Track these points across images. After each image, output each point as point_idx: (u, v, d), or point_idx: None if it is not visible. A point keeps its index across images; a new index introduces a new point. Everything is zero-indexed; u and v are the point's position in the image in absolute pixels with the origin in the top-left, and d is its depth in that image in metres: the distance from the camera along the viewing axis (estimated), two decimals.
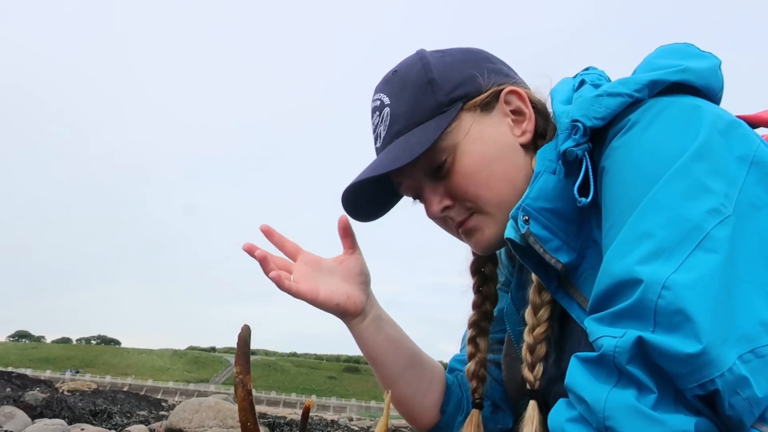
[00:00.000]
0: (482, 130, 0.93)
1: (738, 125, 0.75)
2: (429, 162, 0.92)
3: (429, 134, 0.89)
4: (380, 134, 0.96)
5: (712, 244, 0.65)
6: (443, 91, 0.92)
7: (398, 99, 0.94)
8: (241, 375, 0.87)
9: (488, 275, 1.09)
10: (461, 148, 0.91)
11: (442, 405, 1.12)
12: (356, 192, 0.97)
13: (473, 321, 1.08)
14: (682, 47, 0.89)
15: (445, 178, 0.93)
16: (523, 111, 0.95)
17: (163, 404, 12.17)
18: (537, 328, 0.88)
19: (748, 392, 0.61)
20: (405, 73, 0.96)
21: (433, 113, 0.91)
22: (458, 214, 0.94)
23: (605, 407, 0.62)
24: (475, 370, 1.05)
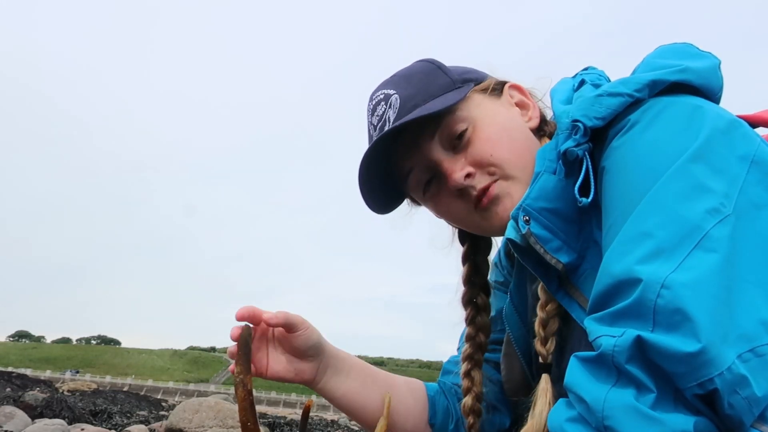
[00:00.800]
0: (495, 109, 0.96)
1: (738, 125, 0.75)
2: (449, 131, 0.93)
3: (451, 99, 0.91)
4: (389, 118, 0.95)
5: (711, 244, 0.65)
6: (454, 74, 0.96)
7: (407, 86, 0.95)
8: (242, 375, 0.87)
9: (481, 306, 1.09)
10: (479, 118, 0.94)
11: (429, 419, 1.13)
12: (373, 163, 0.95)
13: (467, 354, 1.08)
14: (682, 47, 0.89)
15: (465, 148, 0.93)
16: (527, 103, 0.99)
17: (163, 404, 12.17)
18: (550, 304, 0.88)
19: (747, 391, 0.60)
20: (408, 71, 0.98)
21: (448, 88, 0.94)
22: (481, 180, 0.92)
23: (604, 407, 0.62)
24: (471, 405, 1.05)
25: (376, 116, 0.97)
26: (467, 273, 1.09)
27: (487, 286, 1.10)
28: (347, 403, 1.08)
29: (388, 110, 0.95)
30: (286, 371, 1.03)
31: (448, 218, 1.02)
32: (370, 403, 1.08)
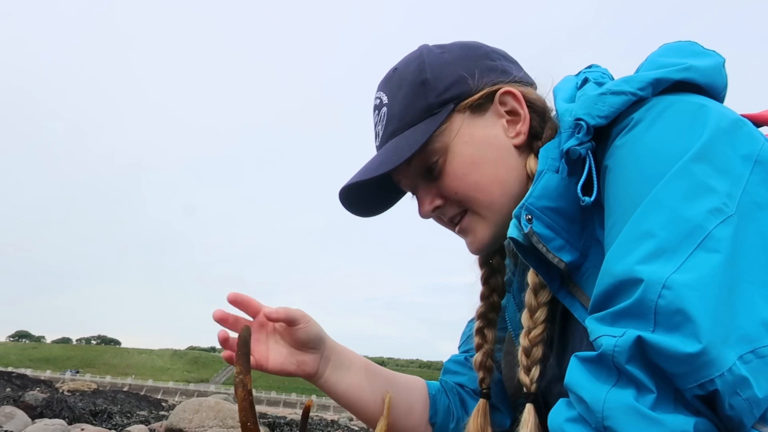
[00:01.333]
0: (473, 132, 0.94)
1: (743, 124, 0.74)
2: (421, 163, 0.94)
3: (417, 138, 0.91)
4: (379, 133, 0.99)
5: (713, 244, 0.64)
6: (435, 93, 0.93)
7: (394, 99, 0.96)
8: (242, 375, 0.87)
9: (496, 267, 1.09)
10: (452, 149, 0.93)
11: (429, 418, 1.13)
12: (352, 192, 0.98)
13: (481, 312, 1.08)
14: (686, 45, 0.89)
15: (437, 178, 0.95)
16: (518, 112, 0.95)
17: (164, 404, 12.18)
18: (533, 331, 0.88)
19: (748, 393, 0.60)
20: (403, 72, 0.97)
21: (424, 115, 0.93)
22: (449, 211, 0.96)
23: (604, 407, 0.62)
24: (482, 360, 1.06)
25: (373, 120, 1.01)
26: None
27: (502, 248, 1.09)
28: (349, 398, 1.08)
29: (379, 124, 0.99)
30: (288, 363, 1.02)
31: None
32: (371, 399, 1.08)
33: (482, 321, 1.08)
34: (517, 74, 0.98)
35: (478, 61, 0.96)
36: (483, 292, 1.09)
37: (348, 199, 1.00)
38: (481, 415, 1.04)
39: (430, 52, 0.97)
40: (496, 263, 1.09)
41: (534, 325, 0.88)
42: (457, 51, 0.97)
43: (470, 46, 0.99)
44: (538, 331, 0.88)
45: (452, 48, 0.98)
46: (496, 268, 1.09)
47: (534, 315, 0.89)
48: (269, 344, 1.02)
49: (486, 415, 1.04)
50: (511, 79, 0.97)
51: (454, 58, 0.96)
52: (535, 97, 0.97)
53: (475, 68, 0.95)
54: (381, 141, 0.97)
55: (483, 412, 1.04)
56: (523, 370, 0.89)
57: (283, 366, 1.02)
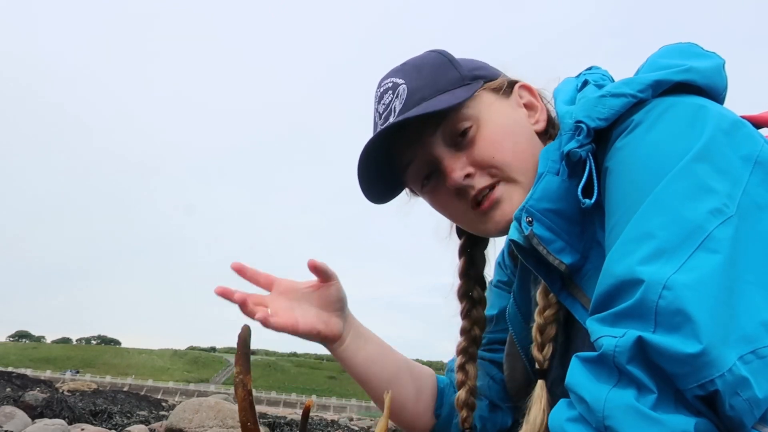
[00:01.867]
0: (502, 110, 0.95)
1: (742, 125, 0.74)
2: (452, 128, 0.92)
3: (458, 96, 0.90)
4: (394, 109, 0.94)
5: (713, 245, 0.65)
6: (465, 68, 0.95)
7: (417, 78, 0.94)
8: (242, 375, 0.87)
9: (477, 299, 1.08)
10: (485, 118, 0.93)
11: (435, 409, 1.13)
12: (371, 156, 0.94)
13: (462, 348, 1.07)
14: (686, 47, 0.89)
15: (467, 147, 0.92)
16: (535, 105, 0.98)
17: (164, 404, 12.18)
18: (547, 309, 0.88)
19: (748, 393, 0.60)
20: (419, 60, 0.98)
21: (457, 84, 0.93)
22: (480, 181, 0.92)
23: (605, 407, 0.62)
24: (465, 399, 1.05)
25: (382, 104, 0.97)
26: (463, 266, 1.09)
27: (482, 280, 1.10)
28: (365, 369, 1.07)
29: (395, 100, 0.94)
30: (318, 321, 1.02)
31: (445, 214, 1.01)
32: (385, 374, 1.08)
33: (464, 357, 1.07)
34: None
35: (490, 67, 1.00)
36: (464, 326, 1.08)
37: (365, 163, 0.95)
38: None
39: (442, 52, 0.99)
40: (476, 296, 1.08)
41: (549, 304, 0.89)
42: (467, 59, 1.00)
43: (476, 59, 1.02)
44: (553, 310, 0.88)
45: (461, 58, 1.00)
46: (476, 300, 1.08)
47: (549, 295, 0.89)
48: (294, 308, 1.02)
49: None
50: None
51: (469, 60, 0.99)
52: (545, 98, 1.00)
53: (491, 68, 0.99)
54: (404, 109, 0.93)
55: None
56: (536, 346, 0.89)
57: (313, 325, 1.01)
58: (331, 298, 1.03)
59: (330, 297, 1.03)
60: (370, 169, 0.97)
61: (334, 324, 1.03)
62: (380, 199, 1.03)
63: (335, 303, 1.03)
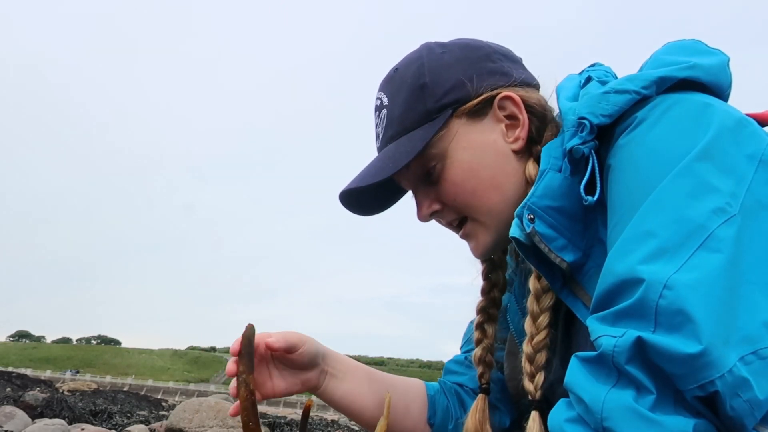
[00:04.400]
0: (471, 138, 0.93)
1: (747, 123, 0.74)
2: (419, 167, 0.94)
3: (415, 144, 0.90)
4: (379, 135, 0.99)
5: (716, 244, 0.64)
6: (434, 98, 0.92)
7: (394, 102, 0.96)
8: (245, 374, 0.87)
9: (497, 262, 1.08)
10: (450, 155, 0.93)
11: (428, 418, 1.13)
12: (352, 195, 0.98)
13: (482, 307, 1.08)
14: (691, 44, 0.88)
15: (435, 183, 0.94)
16: (517, 116, 0.94)
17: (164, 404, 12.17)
18: (536, 337, 0.87)
19: (748, 394, 0.59)
20: (403, 73, 0.96)
21: (423, 120, 0.92)
22: (447, 216, 0.97)
23: (603, 408, 0.62)
24: (482, 355, 1.06)
25: (376, 121, 1.00)
26: None
27: None
28: (347, 404, 1.08)
29: (379, 126, 0.99)
30: (293, 384, 1.03)
31: None
32: (368, 403, 1.08)
33: (483, 316, 1.07)
34: (518, 75, 0.96)
35: (479, 63, 0.95)
36: (484, 287, 1.09)
37: (348, 201, 1.00)
38: (479, 411, 1.03)
39: (431, 52, 0.96)
40: (497, 258, 1.08)
41: (537, 331, 0.87)
42: (457, 52, 0.96)
43: (471, 47, 0.98)
44: (541, 337, 0.87)
45: (453, 48, 0.97)
46: (497, 263, 1.08)
47: (536, 321, 0.88)
48: (271, 372, 1.03)
49: (485, 411, 1.03)
50: (512, 83, 0.95)
51: (454, 60, 0.94)
52: (535, 101, 0.96)
53: (474, 72, 0.93)
54: (381, 143, 0.98)
55: (482, 408, 1.03)
56: (527, 377, 0.88)
57: (289, 389, 1.03)
58: (302, 362, 1.02)
59: (302, 362, 1.02)
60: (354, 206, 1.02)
61: (309, 381, 1.05)
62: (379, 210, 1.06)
63: (308, 363, 1.03)
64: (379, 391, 1.09)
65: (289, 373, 1.03)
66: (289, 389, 1.03)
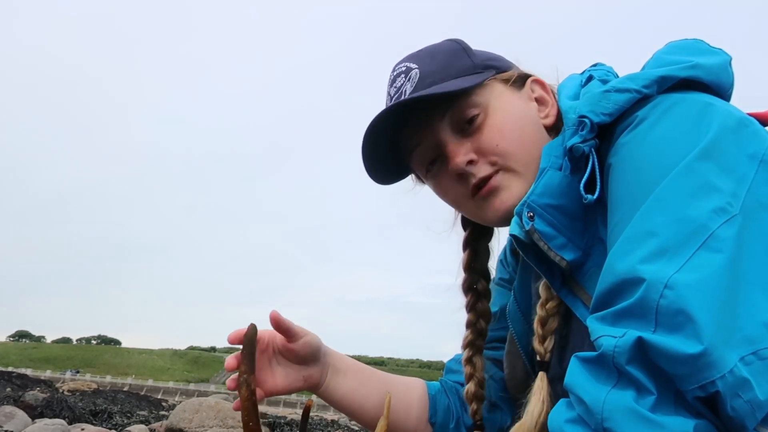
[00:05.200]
0: (512, 100, 0.94)
1: (749, 123, 0.73)
2: (460, 114, 0.92)
3: (468, 82, 0.90)
4: (405, 91, 0.93)
5: (717, 244, 0.64)
6: (477, 58, 0.95)
7: (430, 63, 0.94)
8: (246, 374, 0.87)
9: (481, 292, 1.08)
10: (493, 106, 0.92)
11: (429, 418, 1.13)
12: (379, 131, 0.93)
13: (469, 341, 1.07)
14: (692, 43, 0.88)
15: (473, 134, 0.92)
16: (546, 100, 0.97)
17: (164, 404, 12.17)
18: (550, 302, 0.88)
19: (749, 395, 0.59)
20: (434, 47, 0.97)
21: (468, 71, 0.93)
22: (482, 169, 0.91)
23: (603, 408, 0.61)
24: (474, 391, 1.05)
25: (394, 87, 0.96)
26: (468, 259, 1.08)
27: (487, 273, 1.09)
28: (348, 403, 1.08)
29: (406, 83, 0.94)
30: (296, 380, 1.03)
31: (447, 200, 1.01)
32: (369, 402, 1.08)
33: (471, 350, 1.07)
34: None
35: (503, 59, 0.99)
36: (470, 319, 1.08)
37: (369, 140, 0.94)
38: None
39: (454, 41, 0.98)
40: (481, 288, 1.08)
41: (551, 296, 0.88)
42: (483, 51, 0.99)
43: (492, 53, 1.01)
44: (555, 303, 0.88)
45: None
46: (481, 293, 1.08)
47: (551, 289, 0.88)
48: (273, 368, 1.03)
49: None
50: None
51: (483, 51, 0.98)
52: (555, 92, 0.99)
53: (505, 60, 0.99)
54: (411, 93, 0.92)
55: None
56: (538, 338, 0.88)
57: (291, 384, 1.03)
58: (304, 355, 1.02)
59: (304, 354, 1.02)
60: (376, 146, 0.96)
61: (311, 377, 1.05)
62: (384, 180, 1.02)
63: (309, 357, 1.03)
64: (381, 390, 1.09)
65: (292, 369, 1.03)
66: (292, 385, 1.03)
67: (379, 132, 0.94)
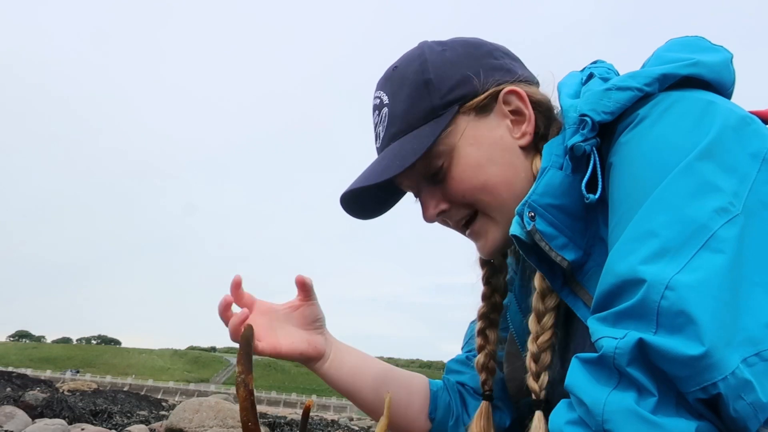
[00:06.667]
0: (478, 134, 0.91)
1: (751, 121, 0.73)
2: (425, 167, 0.92)
3: (422, 141, 0.88)
4: (379, 134, 0.96)
5: (718, 244, 0.63)
6: (439, 94, 0.90)
7: (396, 99, 0.93)
8: (243, 375, 0.87)
9: (497, 266, 1.08)
10: (457, 152, 0.90)
11: (429, 413, 1.13)
12: (353, 197, 0.97)
13: (483, 313, 1.07)
14: (694, 40, 0.87)
15: (442, 182, 0.92)
16: (523, 112, 0.92)
17: (164, 404, 12.16)
18: (541, 336, 0.87)
19: (752, 397, 0.59)
20: (404, 70, 0.93)
21: (428, 117, 0.90)
22: (456, 214, 0.94)
23: (604, 410, 0.61)
24: (484, 362, 1.05)
25: (373, 121, 0.98)
26: None
27: None
28: (352, 381, 1.08)
29: (380, 125, 0.96)
30: (300, 341, 1.04)
31: None
32: (371, 384, 1.09)
33: (484, 322, 1.06)
34: (522, 73, 0.96)
35: (482, 59, 0.93)
36: (485, 293, 1.08)
37: (349, 204, 0.98)
38: (483, 417, 1.03)
39: (431, 50, 0.94)
40: (497, 262, 1.08)
41: (542, 331, 0.87)
42: (459, 49, 0.94)
43: (472, 44, 0.96)
44: (546, 337, 0.86)
45: (454, 45, 0.95)
46: (497, 267, 1.07)
47: (542, 320, 0.87)
48: (275, 328, 1.03)
49: (489, 418, 1.03)
50: (516, 78, 0.94)
51: (457, 57, 0.93)
52: (541, 97, 0.95)
53: (479, 67, 0.92)
54: (382, 143, 0.94)
55: (486, 414, 1.03)
56: (532, 376, 0.87)
57: (294, 345, 1.03)
58: (310, 317, 1.04)
59: (309, 316, 1.04)
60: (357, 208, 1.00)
61: (317, 342, 1.05)
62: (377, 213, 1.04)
63: (315, 322, 1.05)
64: (382, 372, 1.10)
65: (296, 331, 1.04)
66: (296, 346, 1.03)
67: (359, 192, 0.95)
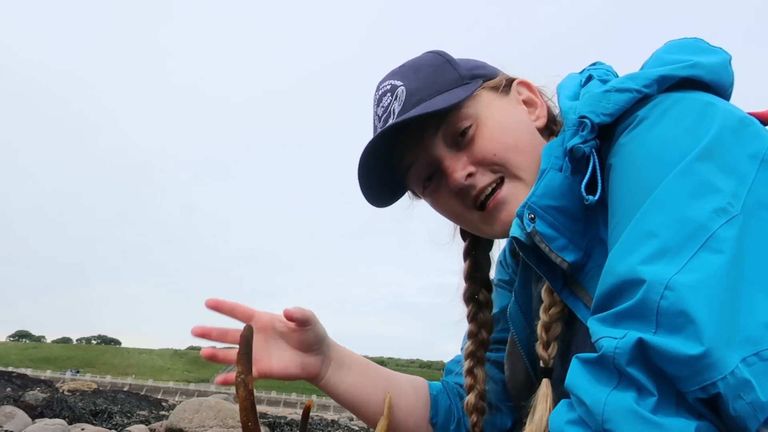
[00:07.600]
0: (502, 107, 0.94)
1: (750, 122, 0.73)
2: (452, 128, 0.91)
3: (456, 95, 0.90)
4: (393, 110, 0.93)
5: (717, 245, 0.63)
6: (464, 68, 0.95)
7: (415, 79, 0.94)
8: (243, 375, 0.87)
9: (483, 302, 1.08)
10: (484, 116, 0.92)
11: (431, 418, 1.13)
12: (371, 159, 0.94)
13: (470, 351, 1.07)
14: (692, 42, 0.88)
15: (468, 146, 0.91)
16: (534, 101, 0.98)
17: (164, 404, 12.16)
18: (553, 307, 0.88)
19: (751, 396, 0.59)
20: (417, 62, 0.97)
21: (455, 84, 0.93)
22: (483, 179, 0.91)
23: (604, 410, 0.61)
24: (475, 403, 1.04)
25: (381, 107, 0.96)
26: (468, 269, 1.08)
27: (488, 282, 1.09)
28: (351, 397, 1.07)
29: (394, 102, 0.93)
30: (293, 366, 1.02)
31: (446, 215, 1.00)
32: (372, 398, 1.07)
33: (471, 360, 1.06)
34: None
35: (488, 66, 1.00)
36: (471, 330, 1.07)
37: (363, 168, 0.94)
38: None
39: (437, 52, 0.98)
40: (482, 298, 1.08)
41: (554, 302, 0.88)
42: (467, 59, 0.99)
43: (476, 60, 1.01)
44: (558, 308, 0.88)
45: None
46: (483, 303, 1.08)
47: (554, 292, 0.88)
48: (270, 348, 1.01)
49: None
50: None
51: (467, 59, 0.98)
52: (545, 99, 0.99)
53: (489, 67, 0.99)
54: (402, 110, 0.92)
55: None
56: (541, 344, 0.89)
57: (287, 369, 1.01)
58: (307, 342, 1.02)
59: (306, 341, 1.02)
60: (370, 172, 0.96)
61: (310, 365, 1.03)
62: (381, 203, 1.02)
63: (313, 345, 1.02)
64: (383, 386, 1.08)
65: (290, 354, 1.02)
66: (287, 370, 1.01)
67: (374, 157, 0.94)
